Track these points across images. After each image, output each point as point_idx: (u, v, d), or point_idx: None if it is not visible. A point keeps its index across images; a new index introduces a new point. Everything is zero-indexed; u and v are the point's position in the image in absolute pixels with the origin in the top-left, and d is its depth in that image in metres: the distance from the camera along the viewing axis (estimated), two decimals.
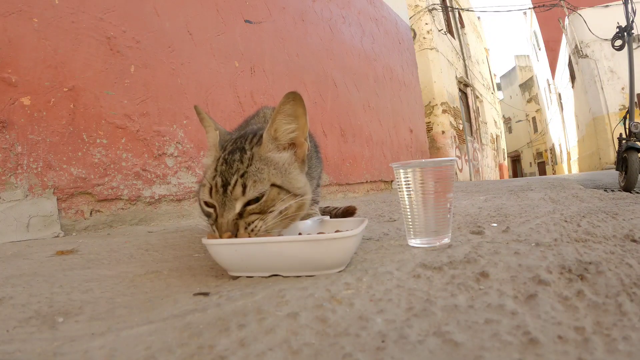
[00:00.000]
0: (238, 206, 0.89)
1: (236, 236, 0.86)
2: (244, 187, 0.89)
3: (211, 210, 0.92)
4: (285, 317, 0.57)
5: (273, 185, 0.92)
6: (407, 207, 1.03)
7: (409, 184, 1.01)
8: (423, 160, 1.01)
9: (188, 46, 2.60)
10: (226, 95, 2.87)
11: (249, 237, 0.86)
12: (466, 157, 11.80)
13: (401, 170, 1.02)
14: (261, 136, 0.98)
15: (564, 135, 21.01)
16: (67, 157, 1.91)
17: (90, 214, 1.98)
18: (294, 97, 0.95)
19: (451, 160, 1.03)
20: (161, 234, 1.74)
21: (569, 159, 20.31)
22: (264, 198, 0.90)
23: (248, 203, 0.89)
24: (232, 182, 0.90)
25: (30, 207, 1.76)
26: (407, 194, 1.02)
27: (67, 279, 0.92)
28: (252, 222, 0.88)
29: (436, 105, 10.14)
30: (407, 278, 0.73)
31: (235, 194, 0.89)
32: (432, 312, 0.56)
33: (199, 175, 2.56)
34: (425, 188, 0.99)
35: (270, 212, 0.91)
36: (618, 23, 3.72)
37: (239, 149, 0.96)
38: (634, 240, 0.94)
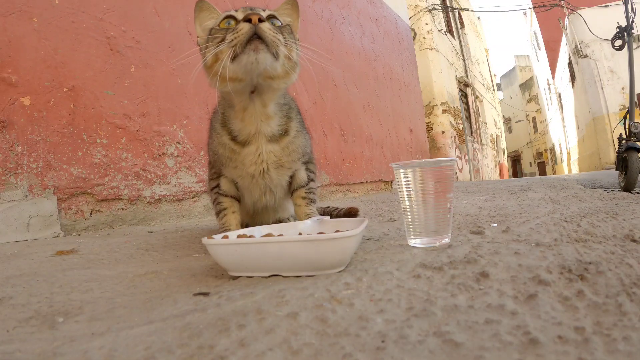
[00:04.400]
0: (261, 14, 1.06)
1: (259, 24, 1.02)
2: (263, 10, 1.09)
3: (232, 24, 1.07)
4: (285, 317, 0.57)
5: (287, 24, 1.15)
6: (407, 207, 1.03)
7: (409, 184, 1.01)
8: (423, 160, 1.01)
9: (188, 46, 2.60)
10: None
11: (271, 35, 1.02)
12: (466, 157, 11.80)
13: (401, 170, 1.02)
14: None
15: (564, 135, 21.01)
16: (67, 157, 1.91)
17: (90, 214, 1.98)
18: (292, 2, 1.22)
19: (451, 160, 1.03)
20: (161, 234, 1.74)
21: (569, 159, 20.30)
22: (281, 24, 1.11)
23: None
24: (253, 7, 1.08)
25: (30, 207, 1.76)
26: (407, 194, 1.02)
27: (67, 279, 0.92)
28: (277, 33, 1.05)
29: (436, 105, 10.14)
30: (407, 278, 0.73)
31: (257, 9, 1.07)
32: (432, 312, 0.56)
33: (199, 175, 2.56)
34: (425, 188, 0.99)
35: (286, 44, 1.08)
36: (618, 23, 3.72)
37: None
38: (634, 240, 0.94)
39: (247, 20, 1.01)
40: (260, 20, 1.02)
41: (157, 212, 2.30)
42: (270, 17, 1.09)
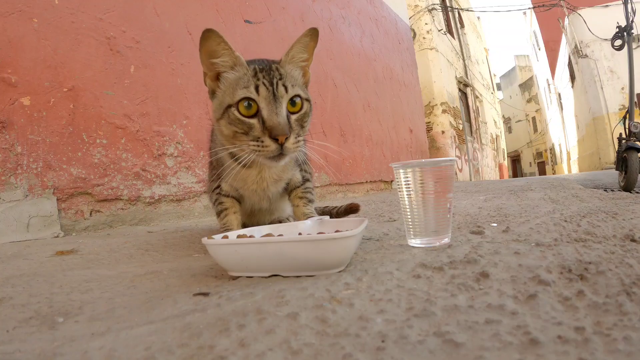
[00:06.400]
0: (284, 108, 1.03)
1: (285, 143, 1.00)
2: (285, 88, 1.03)
3: (253, 120, 1.02)
4: (285, 317, 0.57)
5: (306, 100, 1.10)
6: (407, 207, 1.03)
7: (408, 184, 1.01)
8: (423, 160, 1.01)
9: (188, 46, 2.60)
10: None
11: (294, 148, 1.02)
12: (466, 157, 11.80)
13: (401, 170, 1.02)
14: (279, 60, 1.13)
15: (563, 135, 21.02)
16: (67, 157, 1.91)
17: (90, 214, 1.98)
18: (312, 33, 1.13)
19: (451, 160, 1.03)
20: (161, 234, 1.74)
21: (568, 158, 20.31)
22: (303, 110, 1.07)
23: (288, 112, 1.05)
24: (275, 83, 1.02)
25: (30, 207, 1.76)
26: (407, 194, 1.02)
27: (66, 279, 0.92)
28: (298, 134, 1.05)
29: (436, 105, 10.14)
30: (407, 278, 0.73)
31: (280, 93, 1.02)
32: (432, 312, 0.56)
33: (199, 175, 2.56)
34: (425, 188, 0.99)
35: (304, 127, 1.08)
36: (618, 23, 3.72)
37: (265, 63, 1.09)
38: (634, 240, 0.93)
39: (274, 138, 0.99)
40: (287, 138, 1.00)
41: (157, 212, 2.30)
42: (294, 97, 1.06)
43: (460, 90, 12.50)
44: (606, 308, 0.55)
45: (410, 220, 1.03)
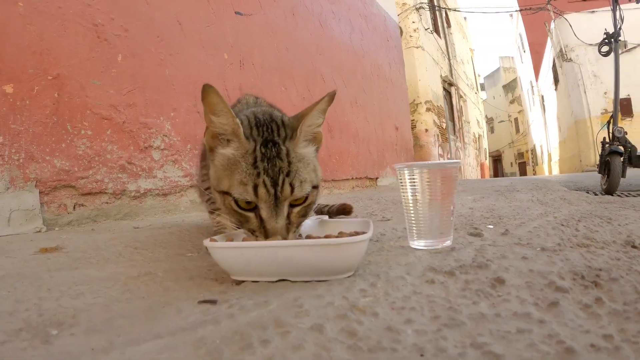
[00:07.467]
0: (286, 208, 0.86)
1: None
2: (292, 187, 0.86)
3: (250, 214, 0.87)
4: (310, 329, 0.53)
5: (314, 187, 0.92)
6: (412, 208, 1.01)
7: (414, 185, 0.99)
8: (427, 162, 1.00)
9: (177, 37, 2.53)
10: None
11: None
12: (448, 156, 11.91)
13: (406, 171, 1.00)
14: (285, 125, 0.95)
15: (545, 136, 21.40)
16: (50, 149, 1.84)
17: (74, 208, 1.91)
18: (331, 96, 0.95)
19: (456, 162, 1.02)
20: (148, 230, 1.69)
21: (549, 160, 20.71)
22: (307, 201, 0.91)
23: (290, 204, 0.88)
24: (280, 182, 0.85)
25: (12, 201, 1.68)
26: (412, 196, 1.00)
27: (54, 281, 0.86)
28: (298, 225, 0.90)
29: (420, 103, 10.19)
30: (421, 283, 0.71)
31: (285, 195, 0.85)
32: (460, 321, 0.53)
33: (186, 169, 2.50)
34: (432, 189, 0.98)
35: (307, 214, 0.93)
36: (605, 29, 3.77)
37: (271, 142, 0.90)
38: (634, 247, 0.95)
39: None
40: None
41: (143, 207, 2.23)
42: (294, 204, 0.90)
43: (444, 89, 12.60)
44: (627, 315, 0.55)
45: (414, 221, 1.01)
